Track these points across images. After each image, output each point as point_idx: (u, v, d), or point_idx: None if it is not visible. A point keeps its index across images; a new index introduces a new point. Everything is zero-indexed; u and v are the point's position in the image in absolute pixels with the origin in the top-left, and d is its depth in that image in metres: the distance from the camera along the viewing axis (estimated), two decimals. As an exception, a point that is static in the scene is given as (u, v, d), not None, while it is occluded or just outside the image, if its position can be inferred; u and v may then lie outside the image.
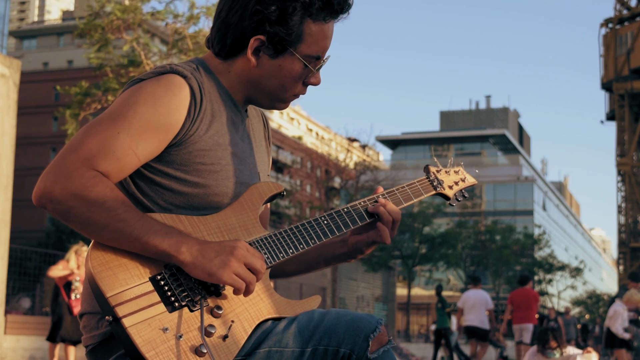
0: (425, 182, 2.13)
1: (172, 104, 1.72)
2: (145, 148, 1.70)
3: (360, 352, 1.67)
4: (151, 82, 1.74)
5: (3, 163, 10.25)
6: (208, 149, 1.77)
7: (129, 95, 1.73)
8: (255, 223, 1.83)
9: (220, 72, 1.86)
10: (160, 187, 1.76)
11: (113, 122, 1.68)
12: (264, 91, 1.86)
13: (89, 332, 1.75)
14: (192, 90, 1.75)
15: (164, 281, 1.65)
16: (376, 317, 1.71)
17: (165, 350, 1.58)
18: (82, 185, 1.61)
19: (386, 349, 1.71)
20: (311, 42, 1.81)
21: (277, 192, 1.89)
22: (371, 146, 45.57)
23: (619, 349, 11.81)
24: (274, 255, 1.78)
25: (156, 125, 1.70)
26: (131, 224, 1.62)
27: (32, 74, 52.68)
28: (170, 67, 1.77)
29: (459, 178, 2.20)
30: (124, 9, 18.55)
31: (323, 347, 1.68)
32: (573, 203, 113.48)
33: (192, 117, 1.74)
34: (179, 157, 1.75)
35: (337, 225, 1.90)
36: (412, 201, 2.07)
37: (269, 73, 1.83)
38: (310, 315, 1.74)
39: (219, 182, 1.78)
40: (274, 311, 1.76)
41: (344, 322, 1.69)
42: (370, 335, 1.67)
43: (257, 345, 1.71)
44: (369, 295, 53.48)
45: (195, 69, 1.82)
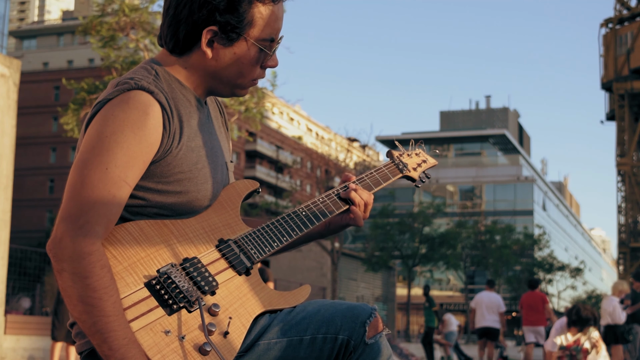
0: (391, 166, 2.19)
1: (148, 125, 1.71)
2: (134, 174, 1.71)
3: (357, 338, 1.72)
4: (121, 106, 1.71)
5: (3, 163, 10.25)
6: (183, 157, 1.78)
7: (103, 126, 1.71)
8: (238, 221, 1.87)
9: (177, 70, 1.86)
10: (143, 201, 1.77)
11: (99, 158, 1.68)
12: (222, 81, 1.87)
13: (83, 338, 1.76)
14: (162, 105, 1.75)
15: (159, 285, 1.66)
16: (370, 305, 1.78)
17: (170, 352, 1.60)
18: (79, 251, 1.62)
19: (382, 335, 1.76)
20: (263, 25, 1.81)
21: (253, 189, 1.94)
22: (371, 146, 45.55)
23: (616, 345, 11.86)
24: (260, 250, 1.83)
25: (139, 150, 1.70)
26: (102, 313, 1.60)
27: (32, 74, 52.70)
28: (134, 82, 1.74)
29: (421, 160, 2.28)
30: (133, 7, 18.54)
31: (322, 335, 1.72)
32: (573, 203, 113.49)
33: (168, 132, 1.75)
34: (159, 170, 1.76)
35: (315, 215, 1.96)
36: (381, 185, 2.13)
37: (226, 62, 1.83)
38: (306, 306, 1.80)
39: (198, 186, 1.80)
40: (268, 304, 1.79)
41: (341, 310, 1.75)
42: (367, 321, 1.74)
43: (256, 339, 1.74)
44: (369, 295, 53.47)
45: (155, 76, 1.80)
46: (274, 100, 27.30)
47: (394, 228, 41.66)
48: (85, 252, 1.62)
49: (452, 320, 21.19)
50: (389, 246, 41.97)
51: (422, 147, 2.33)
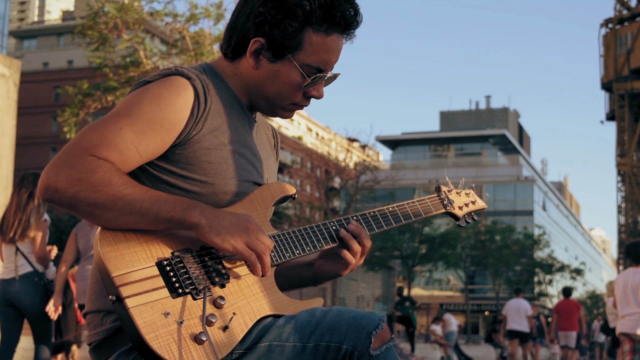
0: (436, 199, 2.16)
1: (176, 104, 1.74)
2: (147, 145, 1.71)
3: (362, 349, 1.66)
4: (156, 83, 1.77)
5: (3, 163, 10.25)
6: (214, 148, 1.79)
7: (134, 95, 1.75)
8: (265, 221, 1.85)
9: (227, 75, 1.90)
10: (167, 186, 1.77)
11: (117, 118, 1.70)
12: (263, 96, 1.89)
13: (93, 329, 1.77)
14: (197, 91, 1.78)
15: (169, 267, 1.67)
16: (378, 314, 1.72)
17: (164, 334, 1.59)
18: (84, 169, 1.62)
19: (389, 346, 1.71)
20: (311, 51, 1.82)
21: (289, 194, 1.92)
22: (371, 146, 45.52)
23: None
24: (280, 254, 1.82)
25: (160, 124, 1.72)
26: (139, 198, 1.64)
27: (32, 74, 52.71)
28: (175, 69, 1.80)
29: (470, 200, 2.24)
30: (120, 7, 18.53)
31: (325, 344, 1.67)
32: (573, 203, 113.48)
33: (195, 118, 1.77)
34: (185, 156, 1.77)
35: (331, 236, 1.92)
36: (421, 217, 2.09)
37: (268, 77, 1.85)
38: (312, 312, 1.75)
39: (226, 180, 1.80)
40: (276, 308, 1.77)
41: (347, 319, 1.69)
42: (373, 332, 1.67)
43: (258, 340, 1.71)
44: (369, 295, 53.47)
45: (201, 72, 1.84)
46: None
47: (394, 228, 41.63)
48: (95, 165, 1.63)
49: (452, 320, 21.21)
50: (389, 246, 41.98)
51: (473, 187, 2.31)
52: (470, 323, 57.37)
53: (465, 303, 49.63)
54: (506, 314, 16.88)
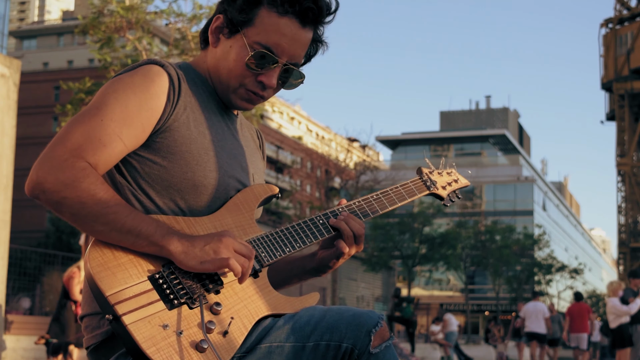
0: (418, 182, 2.15)
1: (152, 90, 1.75)
2: (129, 133, 1.72)
3: (362, 347, 1.67)
4: (129, 73, 1.78)
5: (3, 163, 10.25)
6: (194, 138, 1.79)
7: (108, 87, 1.77)
8: (252, 223, 1.85)
9: (199, 65, 1.92)
10: (148, 177, 1.78)
11: (96, 111, 1.71)
12: (218, 77, 1.88)
13: (91, 332, 1.76)
14: (171, 77, 1.78)
15: (162, 279, 1.66)
16: (378, 313, 1.72)
17: (166, 346, 1.59)
18: (73, 176, 1.63)
19: (388, 345, 1.71)
20: (261, 29, 1.80)
21: (272, 194, 1.92)
22: (371, 146, 45.50)
23: (624, 349, 11.82)
24: (271, 253, 1.81)
25: (138, 110, 1.73)
26: (122, 216, 1.65)
27: (32, 74, 52.69)
28: (148, 59, 1.82)
29: (452, 179, 2.24)
30: (128, 7, 18.52)
31: (325, 343, 1.67)
32: (573, 203, 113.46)
33: (172, 102, 1.77)
34: (165, 144, 1.77)
35: (325, 226, 1.92)
36: (405, 201, 2.09)
37: (222, 55, 1.86)
38: (311, 311, 1.74)
39: (206, 172, 1.79)
40: (273, 308, 1.77)
41: (346, 317, 1.69)
42: (372, 330, 1.67)
43: (258, 342, 1.71)
44: (369, 295, 53.45)
45: (178, 67, 1.86)
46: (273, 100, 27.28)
47: (394, 228, 41.65)
48: (82, 174, 1.64)
49: (452, 320, 21.23)
50: (389, 246, 41.96)
51: (454, 166, 2.29)
52: (470, 323, 57.36)
53: (465, 303, 49.62)
54: (524, 316, 17.71)
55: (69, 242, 38.83)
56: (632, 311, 11.65)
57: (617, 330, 11.90)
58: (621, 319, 11.82)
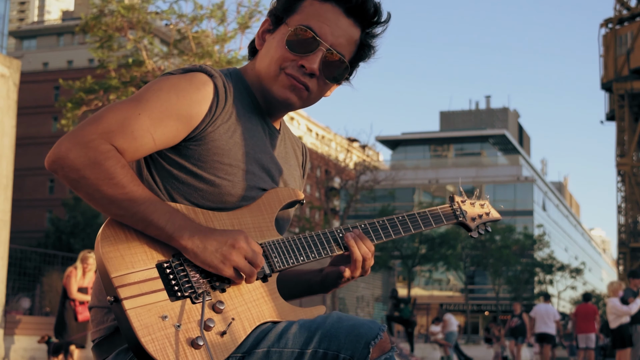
0: (448, 210, 2.12)
1: (195, 97, 1.74)
2: (163, 133, 1.71)
3: (360, 359, 1.63)
4: (178, 75, 1.77)
5: (3, 163, 10.24)
6: (227, 149, 1.78)
7: (154, 83, 1.77)
8: (270, 226, 1.83)
9: (247, 73, 1.90)
10: (175, 180, 1.77)
11: (136, 103, 1.71)
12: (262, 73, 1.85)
13: (97, 326, 1.77)
14: (217, 89, 1.77)
15: (170, 269, 1.66)
16: (379, 323, 1.68)
17: (161, 337, 1.58)
18: (95, 156, 1.63)
19: (388, 357, 1.67)
20: (304, 15, 1.81)
21: (297, 199, 1.89)
22: (371, 146, 45.51)
23: (624, 350, 11.82)
24: (284, 260, 1.79)
25: (177, 114, 1.72)
26: (138, 203, 1.64)
27: (32, 74, 52.68)
28: (200, 66, 1.80)
29: (484, 212, 2.20)
30: (129, 7, 18.50)
31: (323, 351, 1.65)
32: (573, 203, 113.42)
33: (212, 114, 1.76)
34: (197, 152, 1.76)
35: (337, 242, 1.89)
36: (431, 227, 2.05)
37: (266, 49, 1.86)
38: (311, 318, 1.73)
39: (234, 183, 1.78)
40: (276, 315, 1.75)
41: (345, 327, 1.66)
42: (372, 342, 1.64)
43: (256, 345, 1.70)
44: (369, 295, 53.41)
45: (227, 75, 1.84)
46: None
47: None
48: (104, 156, 1.63)
49: (452, 320, 21.23)
50: (389, 246, 41.94)
51: (487, 198, 2.26)
52: (470, 323, 57.35)
53: (465, 303, 49.60)
54: (535, 317, 18.22)
55: (68, 242, 38.81)
56: (632, 311, 11.65)
57: (618, 331, 11.90)
58: (621, 319, 11.82)
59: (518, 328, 20.15)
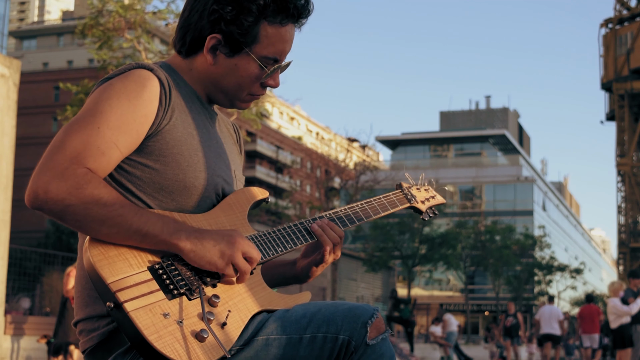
0: (400, 195, 2.25)
1: (144, 95, 1.77)
2: (125, 140, 1.73)
3: (359, 339, 1.70)
4: (120, 78, 1.79)
5: (3, 163, 10.25)
6: (183, 140, 1.81)
7: (100, 93, 1.77)
8: (245, 223, 1.90)
9: (183, 70, 1.93)
10: (141, 181, 1.79)
11: (92, 118, 1.72)
12: (222, 90, 1.92)
13: (87, 335, 1.77)
14: (161, 81, 1.80)
15: (161, 270, 1.69)
16: (373, 306, 1.76)
17: (167, 334, 1.62)
18: (76, 183, 1.63)
19: (384, 337, 1.74)
20: (267, 43, 1.86)
21: (263, 197, 1.98)
22: (371, 146, 45.53)
23: (625, 350, 11.82)
24: (265, 252, 1.86)
25: (132, 117, 1.74)
26: (129, 218, 1.66)
27: (32, 74, 52.68)
28: (136, 63, 1.83)
29: (429, 195, 2.34)
30: (127, 7, 18.51)
31: (322, 335, 1.71)
32: (573, 203, 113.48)
33: (164, 107, 1.79)
34: (157, 147, 1.79)
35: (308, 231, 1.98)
36: (388, 211, 2.18)
37: (226, 72, 1.88)
38: (306, 305, 1.79)
39: (197, 173, 1.82)
40: (268, 303, 1.81)
41: (342, 310, 1.74)
42: (368, 322, 1.72)
43: (255, 334, 1.74)
44: (369, 295, 53.47)
45: (161, 66, 1.88)
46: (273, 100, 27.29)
47: (394, 228, 41.66)
48: (84, 180, 1.64)
49: (452, 320, 21.24)
50: (389, 246, 41.97)
51: (432, 183, 2.39)
52: (470, 323, 57.37)
53: (465, 303, 49.62)
54: (540, 318, 18.68)
55: (69, 242, 38.84)
56: (633, 311, 11.66)
57: (618, 331, 11.91)
58: (622, 319, 11.83)
59: (513, 327, 20.28)
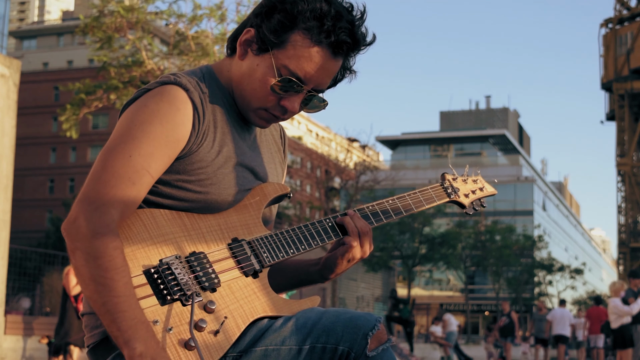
0: (438, 189, 2.10)
1: (177, 119, 1.73)
2: (158, 165, 1.72)
3: (359, 350, 1.65)
4: (154, 98, 1.75)
5: (3, 163, 10.25)
6: (211, 159, 1.77)
7: (134, 115, 1.74)
8: (257, 222, 1.83)
9: (221, 73, 1.87)
10: (161, 196, 1.77)
11: (123, 145, 1.70)
12: (240, 92, 1.84)
13: (90, 331, 1.77)
14: (194, 104, 1.76)
15: (157, 274, 1.66)
16: (375, 315, 1.70)
17: None
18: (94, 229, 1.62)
19: (385, 347, 1.69)
20: (292, 54, 1.75)
21: (283, 193, 1.89)
22: (371, 146, 45.56)
23: (625, 350, 11.82)
24: (273, 254, 1.80)
25: (165, 142, 1.71)
26: (112, 294, 1.59)
27: (32, 74, 52.68)
28: (174, 78, 1.77)
29: (477, 187, 2.18)
30: (128, 7, 18.50)
31: (321, 345, 1.66)
32: (573, 203, 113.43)
33: (196, 131, 1.76)
34: (181, 167, 1.76)
35: (333, 228, 1.89)
36: (423, 207, 2.05)
37: (248, 71, 1.81)
38: (308, 313, 1.73)
39: (221, 190, 1.78)
40: (270, 309, 1.76)
41: (343, 320, 1.68)
42: (369, 333, 1.66)
43: (253, 343, 1.70)
44: (369, 295, 53.45)
45: (201, 79, 1.82)
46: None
47: (394, 228, 41.64)
48: (99, 233, 1.62)
49: (452, 320, 21.24)
50: (389, 246, 41.94)
51: (479, 173, 2.23)
52: (470, 323, 57.35)
53: (465, 303, 49.61)
54: (552, 320, 19.34)
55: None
56: (634, 311, 11.65)
57: (619, 331, 11.90)
58: (623, 319, 11.82)
59: (507, 327, 20.32)
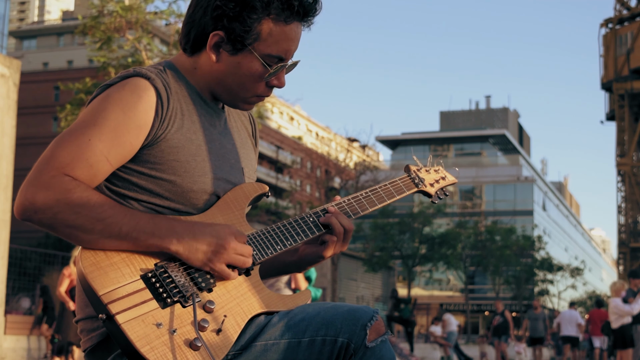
0: (407, 179, 2.18)
1: (139, 107, 1.74)
2: (117, 153, 1.72)
3: (358, 342, 1.68)
4: (117, 88, 1.77)
5: (3, 163, 10.25)
6: (180, 146, 1.79)
7: (97, 104, 1.76)
8: (242, 221, 1.86)
9: (187, 70, 1.89)
10: (137, 187, 1.78)
11: (83, 130, 1.71)
12: (225, 89, 1.87)
13: (87, 335, 1.77)
14: (158, 91, 1.78)
15: (155, 278, 1.67)
16: (373, 308, 1.74)
17: (159, 344, 1.60)
18: (62, 189, 1.63)
19: (384, 339, 1.72)
20: (271, 42, 1.81)
21: (262, 192, 1.93)
22: (371, 146, 45.54)
23: (626, 350, 11.81)
24: (262, 252, 1.83)
25: (126, 129, 1.72)
26: (118, 221, 1.66)
27: (32, 74, 52.66)
28: (134, 70, 1.80)
29: (439, 176, 2.26)
30: (127, 7, 18.50)
31: (321, 338, 1.69)
32: (573, 203, 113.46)
33: (160, 117, 1.77)
34: (152, 155, 1.77)
35: (315, 224, 1.94)
36: (394, 198, 2.11)
37: (229, 70, 1.84)
38: (305, 307, 1.77)
39: (195, 178, 1.79)
40: (266, 305, 1.78)
41: (341, 312, 1.71)
42: (368, 324, 1.69)
43: (253, 339, 1.73)
44: (369, 295, 53.46)
45: (162, 71, 1.84)
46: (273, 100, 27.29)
47: (394, 228, 41.66)
48: (70, 186, 1.64)
49: (452, 320, 21.25)
50: (389, 246, 41.96)
51: (441, 163, 2.32)
52: (470, 323, 57.36)
53: (465, 303, 49.62)
54: (560, 321, 20.05)
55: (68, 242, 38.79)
56: (635, 311, 11.65)
57: (619, 331, 11.90)
58: (623, 319, 11.82)
59: (500, 326, 20.30)
